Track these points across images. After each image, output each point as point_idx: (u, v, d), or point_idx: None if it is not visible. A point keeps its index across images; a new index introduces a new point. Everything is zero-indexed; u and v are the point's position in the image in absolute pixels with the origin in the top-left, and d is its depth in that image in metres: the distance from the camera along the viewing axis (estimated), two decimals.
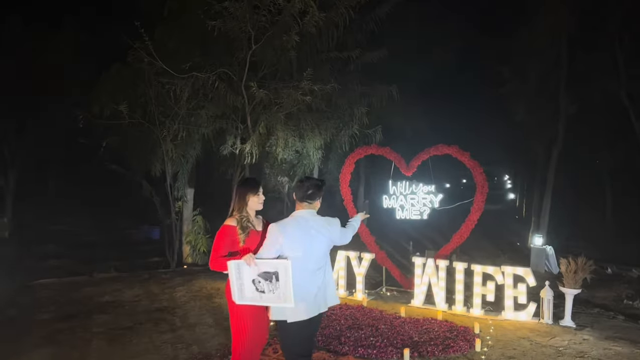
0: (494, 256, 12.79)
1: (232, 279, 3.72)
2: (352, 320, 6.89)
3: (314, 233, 3.72)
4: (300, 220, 3.74)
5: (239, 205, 3.98)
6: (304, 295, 3.64)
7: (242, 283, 3.71)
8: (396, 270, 8.92)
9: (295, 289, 3.57)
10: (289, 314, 3.63)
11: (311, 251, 3.70)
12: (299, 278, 3.60)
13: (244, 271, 3.68)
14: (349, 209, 9.11)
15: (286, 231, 3.64)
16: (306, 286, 3.66)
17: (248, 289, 3.70)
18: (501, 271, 7.26)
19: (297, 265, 3.61)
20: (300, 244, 3.65)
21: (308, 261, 3.68)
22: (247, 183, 4.18)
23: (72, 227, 17.56)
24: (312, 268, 3.71)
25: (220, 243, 3.85)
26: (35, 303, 7.50)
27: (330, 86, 8.62)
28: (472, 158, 8.18)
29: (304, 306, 3.64)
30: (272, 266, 3.64)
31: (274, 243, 3.63)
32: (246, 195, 4.00)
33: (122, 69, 9.79)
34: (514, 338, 6.32)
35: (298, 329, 3.65)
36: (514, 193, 36.00)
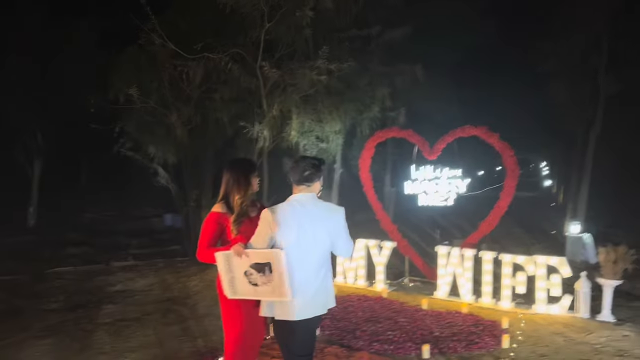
0: (528, 245, 12.13)
1: (222, 272, 3.34)
2: (370, 313, 6.48)
3: (313, 220, 3.22)
4: (296, 205, 3.25)
5: (243, 189, 3.53)
6: (299, 292, 3.17)
7: (233, 276, 3.32)
8: (419, 259, 8.44)
9: (290, 284, 3.16)
10: (279, 311, 3.20)
11: (309, 241, 3.21)
12: (294, 272, 3.17)
13: (234, 263, 3.29)
14: (369, 196, 8.65)
15: (280, 217, 3.16)
16: (302, 282, 3.19)
17: (240, 283, 3.31)
18: (533, 261, 6.71)
19: (293, 256, 3.16)
20: (296, 232, 3.17)
21: (306, 253, 3.20)
22: (246, 163, 3.78)
23: (99, 216, 17.68)
24: (310, 261, 3.22)
25: (208, 232, 3.45)
26: (45, 292, 7.36)
27: (347, 65, 8.12)
28: (501, 140, 7.60)
29: (298, 305, 3.17)
30: (264, 257, 3.22)
31: (266, 231, 3.17)
32: (250, 176, 3.59)
33: (136, 53, 9.52)
34: (546, 334, 5.81)
35: (291, 328, 3.21)
36: (550, 180, 34.74)
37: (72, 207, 18.28)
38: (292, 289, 3.15)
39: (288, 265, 3.14)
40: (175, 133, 8.99)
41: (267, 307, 3.26)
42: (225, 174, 3.59)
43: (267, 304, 3.25)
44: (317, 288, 3.25)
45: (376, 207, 8.62)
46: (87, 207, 19.01)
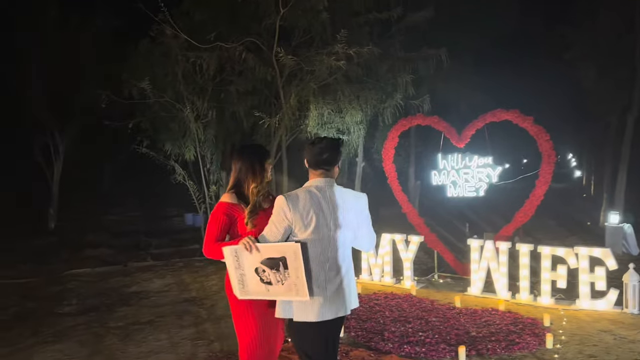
0: (562, 237, 11.52)
1: (231, 269, 2.92)
2: (399, 312, 6.04)
3: (334, 208, 2.80)
4: (314, 191, 2.81)
5: (259, 177, 3.14)
6: (319, 290, 2.76)
7: (242, 273, 2.90)
8: (449, 254, 7.96)
9: (309, 282, 2.73)
10: (297, 312, 2.78)
11: (329, 232, 2.79)
12: (312, 268, 2.76)
13: (244, 259, 2.87)
14: (393, 188, 8.21)
15: (296, 206, 2.74)
16: (322, 279, 2.78)
17: (251, 281, 2.89)
18: (574, 253, 6.18)
19: (312, 250, 2.75)
20: (315, 222, 2.75)
21: (326, 246, 2.78)
22: (259, 148, 3.38)
23: (121, 217, 17.55)
24: (331, 255, 2.81)
25: (216, 224, 3.03)
26: (59, 295, 7.10)
27: (367, 49, 7.65)
28: (535, 124, 7.08)
29: (318, 305, 2.75)
30: (278, 251, 2.80)
31: (281, 221, 2.75)
32: (265, 162, 3.19)
33: (149, 47, 9.26)
34: (593, 332, 5.30)
35: (310, 330, 2.79)
36: (579, 170, 33.74)
37: (93, 209, 18.25)
38: (311, 287, 2.74)
39: (306, 260, 2.73)
40: (190, 128, 8.64)
41: (282, 308, 2.84)
42: (236, 161, 3.19)
43: (283, 305, 2.83)
44: (338, 285, 2.84)
45: (401, 200, 8.17)
46: (109, 208, 18.97)
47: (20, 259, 9.68)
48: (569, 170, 40.77)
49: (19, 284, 7.80)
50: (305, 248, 2.73)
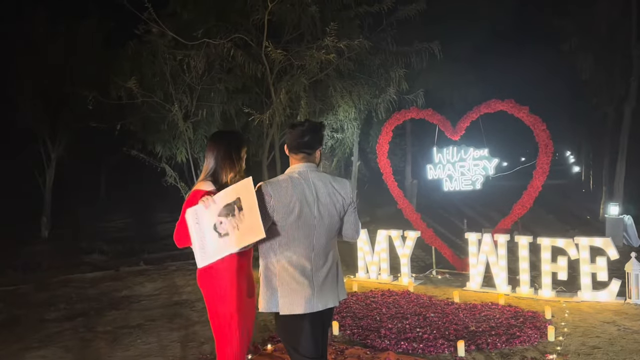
0: (562, 231, 11.35)
1: (192, 235, 2.76)
2: (396, 309, 5.87)
3: (318, 194, 2.64)
4: (296, 177, 2.65)
5: (237, 165, 3.01)
6: (305, 280, 2.60)
7: (203, 236, 2.75)
8: (447, 249, 7.80)
9: (292, 271, 2.59)
10: (283, 304, 2.60)
11: (314, 219, 2.63)
12: (297, 256, 2.60)
13: (204, 218, 2.72)
14: (389, 184, 8.05)
15: (278, 192, 2.57)
16: (308, 268, 2.62)
17: (210, 240, 2.73)
18: (574, 243, 6.02)
19: (297, 238, 2.60)
20: (299, 209, 2.58)
21: (311, 233, 2.62)
22: (235, 134, 3.27)
23: (115, 223, 17.36)
24: (317, 243, 2.65)
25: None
26: (47, 301, 6.89)
27: (358, 42, 7.50)
28: (531, 113, 6.93)
29: (306, 295, 2.59)
30: (232, 193, 2.66)
31: (263, 208, 2.56)
32: (242, 149, 3.06)
33: (136, 47, 9.09)
34: (596, 323, 5.15)
35: (299, 324, 2.62)
36: (578, 166, 33.67)
37: (87, 215, 18.05)
38: (297, 277, 2.58)
39: (292, 249, 2.59)
40: (179, 128, 8.48)
41: (267, 301, 2.65)
42: (211, 148, 3.05)
43: (267, 298, 2.64)
44: (326, 274, 2.68)
45: (397, 195, 8.01)
46: (103, 214, 18.77)
47: (11, 267, 9.48)
48: (568, 166, 40.81)
49: (7, 291, 7.60)
50: (290, 236, 2.58)
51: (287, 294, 2.60)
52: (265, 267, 2.67)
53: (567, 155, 46.84)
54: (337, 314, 5.58)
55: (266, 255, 2.66)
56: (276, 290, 2.62)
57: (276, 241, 2.62)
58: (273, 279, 2.64)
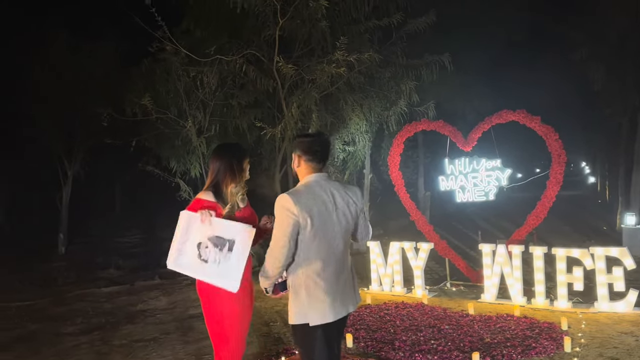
0: (579, 242, 11.22)
1: (176, 235, 2.85)
2: (410, 321, 5.84)
3: (335, 203, 2.72)
4: (316, 188, 2.71)
5: (238, 177, 3.09)
6: (330, 287, 2.67)
7: (184, 242, 2.83)
8: (461, 261, 7.75)
9: (319, 281, 2.64)
10: (313, 315, 2.64)
11: (334, 227, 2.70)
12: (322, 265, 2.66)
13: (194, 228, 2.81)
14: (401, 196, 8.04)
15: (300, 201, 2.61)
16: (332, 275, 2.70)
17: (189, 253, 2.82)
18: (590, 253, 5.96)
19: (321, 248, 2.66)
20: (320, 218, 2.64)
21: (332, 241, 2.69)
22: (237, 147, 3.32)
23: (131, 239, 17.50)
24: (337, 250, 2.72)
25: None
26: (63, 315, 6.97)
27: (368, 56, 7.57)
28: (543, 123, 6.92)
29: (331, 302, 2.66)
30: (231, 232, 2.79)
31: (289, 221, 2.58)
32: (244, 161, 3.13)
33: (150, 65, 9.26)
34: (613, 334, 5.08)
35: (322, 334, 2.67)
36: (593, 177, 33.31)
37: (103, 231, 18.23)
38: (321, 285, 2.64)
39: (317, 258, 2.64)
40: (192, 143, 8.59)
41: (299, 313, 2.67)
42: (214, 161, 3.15)
43: (300, 310, 2.67)
44: (345, 280, 2.78)
45: (410, 207, 8.00)
46: (119, 230, 18.94)
47: (28, 283, 9.61)
48: (583, 177, 40.42)
49: (24, 306, 7.70)
50: (312, 246, 2.63)
51: (316, 304, 2.65)
52: (293, 281, 2.70)
53: (583, 165, 46.45)
54: (351, 326, 5.57)
55: (293, 270, 2.69)
56: (305, 302, 2.66)
57: (301, 254, 2.66)
58: (301, 292, 2.67)
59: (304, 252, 2.65)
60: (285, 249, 2.59)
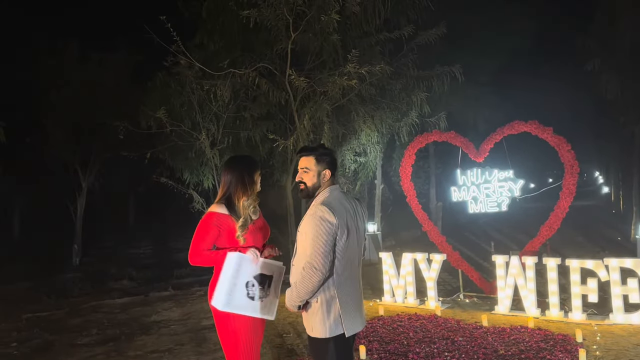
0: (592, 253, 11.13)
1: (225, 277, 2.86)
2: (423, 333, 5.82)
3: (355, 216, 2.82)
4: (341, 198, 2.79)
5: (250, 190, 3.12)
6: (357, 298, 2.79)
7: (235, 283, 2.86)
8: (474, 272, 7.72)
9: (351, 291, 2.72)
10: (349, 324, 2.69)
11: (356, 241, 2.78)
12: (352, 276, 2.74)
13: (244, 269, 2.86)
14: (413, 206, 8.05)
15: (339, 214, 2.65)
16: (357, 286, 2.82)
17: (239, 293, 2.86)
18: (604, 265, 5.92)
19: (351, 258, 2.73)
20: (349, 228, 2.71)
21: (356, 251, 2.79)
22: (248, 159, 3.34)
23: (145, 250, 17.64)
24: (356, 263, 2.82)
25: (205, 233, 2.99)
26: (79, 326, 7.06)
27: (379, 68, 7.64)
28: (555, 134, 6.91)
29: (360, 313, 2.78)
30: (271, 269, 2.93)
31: (329, 231, 2.59)
32: (255, 174, 3.17)
33: (166, 79, 9.41)
34: (629, 346, 5.05)
35: (345, 346, 2.74)
36: (607, 187, 32.98)
37: (118, 242, 18.41)
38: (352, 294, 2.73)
39: (348, 269, 2.72)
40: (206, 155, 8.70)
41: (332, 324, 2.67)
42: (225, 174, 3.18)
43: (332, 323, 2.66)
44: (361, 291, 2.88)
45: (421, 218, 8.00)
46: (132, 241, 19.11)
47: (45, 294, 9.73)
48: (597, 187, 40.01)
49: (41, 317, 7.80)
50: (344, 257, 2.69)
51: (349, 315, 2.70)
52: (325, 295, 2.67)
53: (596, 175, 46.02)
54: (364, 338, 5.58)
55: (327, 285, 2.67)
56: (339, 313, 2.67)
57: (335, 267, 2.66)
58: (333, 305, 2.67)
59: (337, 262, 2.67)
60: (328, 260, 2.59)
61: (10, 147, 9.75)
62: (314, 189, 2.84)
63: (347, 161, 9.98)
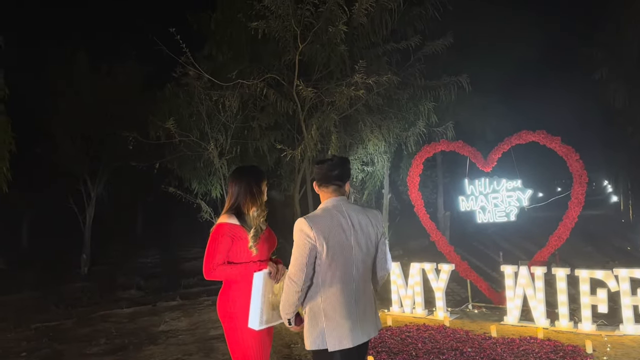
0: (602, 263, 11.04)
1: (257, 298, 2.89)
2: (432, 344, 5.80)
3: (355, 227, 2.74)
4: (333, 211, 2.74)
5: (258, 200, 3.14)
6: (348, 312, 2.67)
7: (264, 301, 2.90)
8: (483, 282, 7.69)
9: (338, 305, 2.66)
10: (331, 340, 2.64)
11: (354, 252, 2.71)
12: (342, 290, 2.67)
13: (268, 286, 2.92)
14: (420, 216, 8.05)
15: (317, 225, 2.65)
16: (352, 300, 2.69)
17: (267, 308, 2.91)
18: (614, 275, 5.89)
19: (339, 272, 2.67)
20: (338, 242, 2.66)
21: (350, 266, 2.70)
22: (255, 170, 3.34)
23: (152, 259, 17.68)
24: (356, 276, 2.72)
25: (219, 246, 2.98)
26: (88, 336, 7.09)
27: (386, 78, 7.68)
28: (564, 144, 6.90)
29: (349, 328, 2.66)
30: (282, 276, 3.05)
31: (308, 246, 2.62)
32: (262, 183, 3.18)
33: (175, 90, 9.49)
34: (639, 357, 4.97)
35: (336, 358, 2.67)
36: (616, 196, 32.72)
37: (126, 252, 18.46)
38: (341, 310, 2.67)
39: (336, 283, 2.68)
40: (214, 165, 8.74)
41: (314, 339, 2.68)
42: (232, 184, 3.18)
43: (314, 335, 2.67)
44: (365, 305, 2.76)
45: (429, 228, 8.00)
46: (141, 250, 19.15)
47: (53, 303, 9.78)
48: (605, 196, 39.71)
49: (50, 326, 7.84)
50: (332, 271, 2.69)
51: (334, 330, 2.65)
52: (311, 307, 2.69)
53: (605, 184, 45.71)
54: (372, 349, 5.56)
55: (311, 295, 2.69)
56: (323, 327, 2.66)
57: (319, 279, 2.67)
58: (320, 317, 2.67)
59: (321, 276, 2.66)
60: (303, 273, 2.61)
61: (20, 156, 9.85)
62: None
63: (354, 171, 9.99)
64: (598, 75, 13.44)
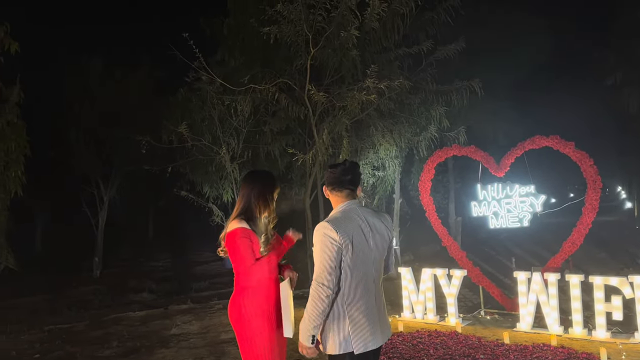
0: (616, 270, 10.90)
1: (286, 306, 2.94)
2: (444, 350, 5.75)
3: (371, 230, 2.74)
4: (351, 214, 2.73)
5: (270, 206, 3.12)
6: (370, 314, 2.69)
7: (289, 309, 2.97)
8: (495, 289, 7.62)
9: (362, 307, 2.67)
10: (357, 342, 2.63)
11: (372, 255, 2.72)
12: (364, 293, 2.68)
13: (289, 292, 2.97)
14: (432, 221, 8.01)
15: (339, 227, 2.62)
16: (372, 302, 2.72)
17: (291, 314, 2.96)
18: (629, 282, 5.80)
19: (362, 275, 2.67)
20: (358, 244, 2.66)
21: (369, 267, 2.71)
22: (269, 175, 3.32)
23: (164, 263, 17.78)
24: (375, 277, 2.75)
25: (247, 247, 2.94)
26: (100, 339, 7.13)
27: (398, 83, 7.68)
28: (577, 149, 6.84)
29: (372, 330, 2.67)
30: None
31: (332, 247, 2.59)
32: (275, 190, 3.18)
33: (188, 95, 9.58)
34: None
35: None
36: (630, 202, 32.33)
37: (138, 255, 18.59)
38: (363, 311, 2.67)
39: (359, 285, 2.68)
40: (226, 169, 8.80)
41: (342, 342, 2.64)
42: (245, 187, 3.14)
43: (341, 340, 2.64)
44: (380, 306, 2.80)
45: (441, 233, 7.95)
46: (152, 254, 19.28)
47: (66, 306, 9.87)
48: (619, 202, 39.23)
49: (63, 329, 7.90)
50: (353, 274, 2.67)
51: (360, 332, 2.64)
52: (334, 310, 2.66)
53: (618, 190, 45.21)
54: (384, 354, 5.53)
55: (337, 302, 2.66)
56: (349, 331, 2.64)
57: (343, 282, 2.65)
58: (343, 321, 2.65)
59: (345, 279, 2.65)
60: (333, 276, 2.58)
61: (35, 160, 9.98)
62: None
63: (365, 175, 10.00)
64: (612, 80, 13.33)
